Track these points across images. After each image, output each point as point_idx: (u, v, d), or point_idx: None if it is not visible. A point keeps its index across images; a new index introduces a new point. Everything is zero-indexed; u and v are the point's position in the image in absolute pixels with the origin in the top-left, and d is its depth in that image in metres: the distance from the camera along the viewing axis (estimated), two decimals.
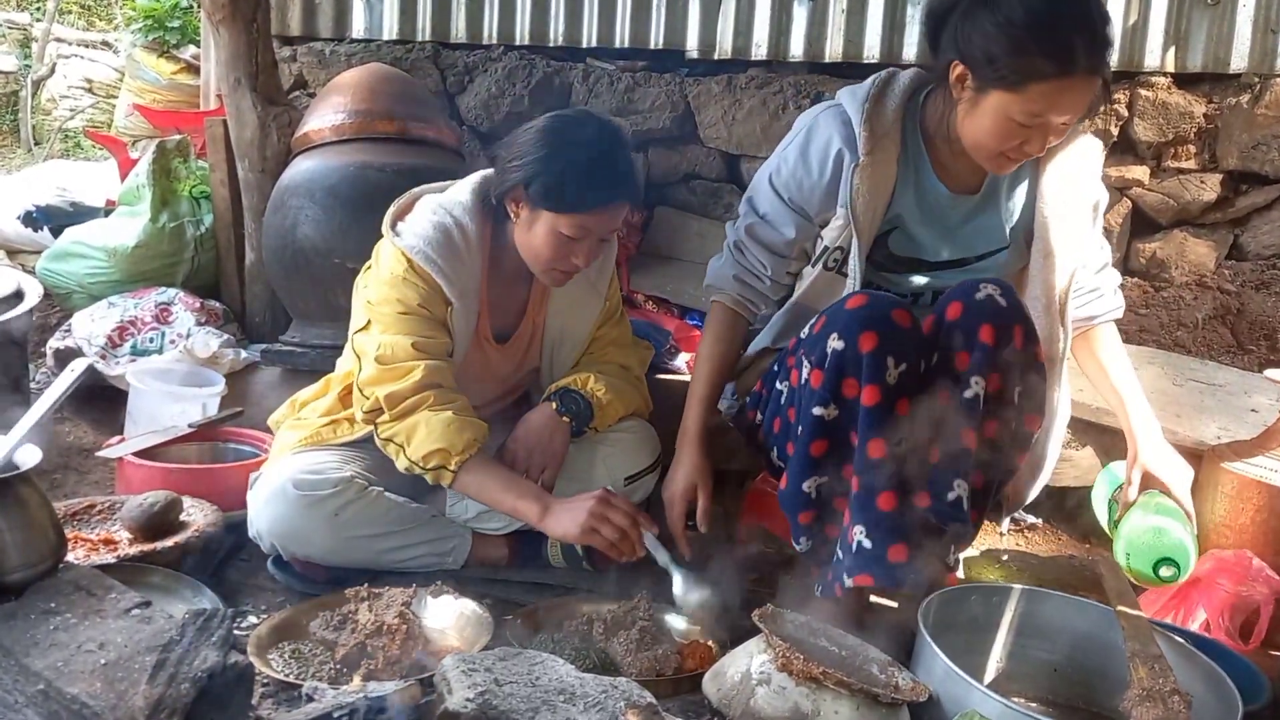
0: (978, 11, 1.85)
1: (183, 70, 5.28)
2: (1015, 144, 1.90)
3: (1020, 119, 1.85)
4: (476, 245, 2.13)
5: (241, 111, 3.22)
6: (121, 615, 1.62)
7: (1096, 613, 1.92)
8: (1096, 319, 2.19)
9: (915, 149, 2.07)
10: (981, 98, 1.88)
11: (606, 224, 2.08)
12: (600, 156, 2.04)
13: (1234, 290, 3.33)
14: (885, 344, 1.84)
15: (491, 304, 2.24)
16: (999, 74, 1.83)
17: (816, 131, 2.09)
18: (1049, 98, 1.82)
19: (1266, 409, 2.67)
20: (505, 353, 2.30)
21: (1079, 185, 2.08)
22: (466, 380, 2.21)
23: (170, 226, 3.30)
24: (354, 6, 4.15)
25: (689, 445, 2.17)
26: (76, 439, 2.88)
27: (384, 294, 2.08)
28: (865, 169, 2.01)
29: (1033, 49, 1.80)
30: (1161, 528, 1.96)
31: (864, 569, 1.86)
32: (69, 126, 6.58)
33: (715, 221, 3.65)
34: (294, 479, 2.06)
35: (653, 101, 3.74)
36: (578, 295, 2.28)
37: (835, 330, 1.88)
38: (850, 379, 1.87)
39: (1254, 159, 3.32)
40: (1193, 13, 3.40)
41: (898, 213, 2.08)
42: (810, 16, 3.68)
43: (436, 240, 2.07)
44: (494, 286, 2.24)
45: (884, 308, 1.87)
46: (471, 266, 2.13)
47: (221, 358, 2.95)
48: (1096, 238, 2.16)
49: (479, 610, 1.96)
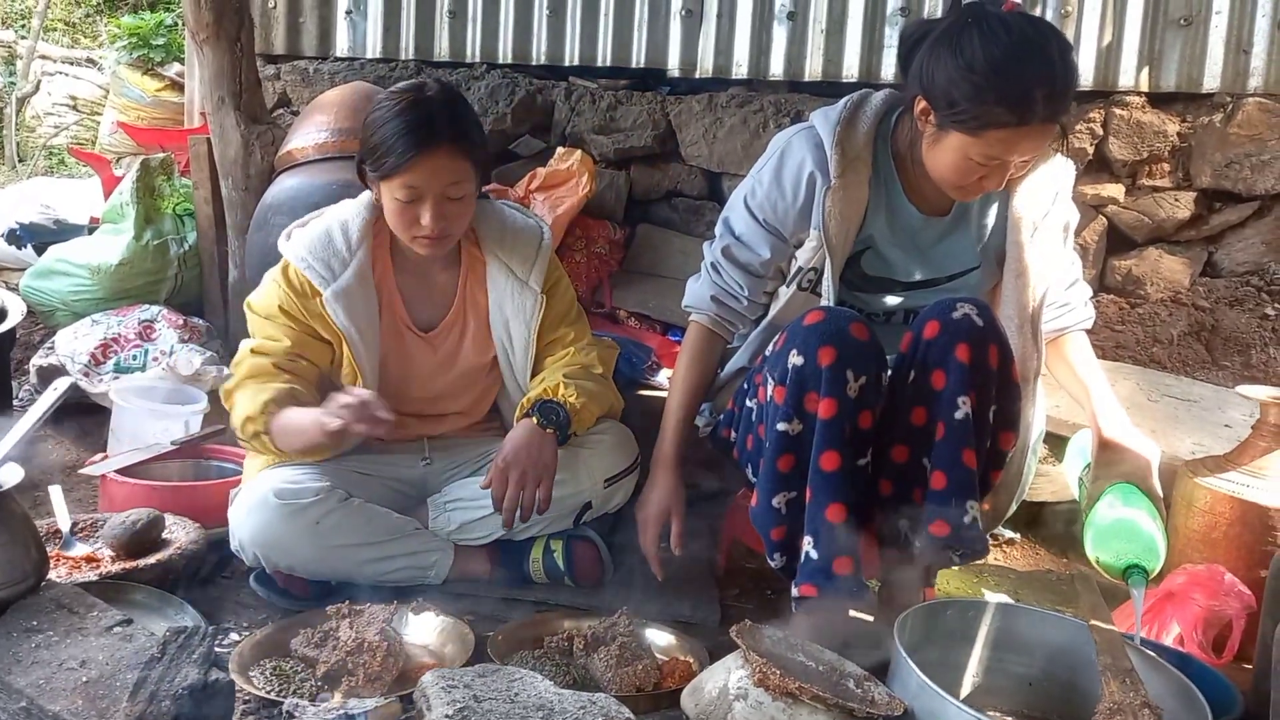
0: (942, 50, 1.87)
1: (167, 88, 5.30)
2: (975, 180, 1.93)
3: (978, 159, 1.88)
4: (360, 239, 2.19)
5: (225, 129, 3.23)
6: (103, 633, 1.63)
7: (1072, 627, 1.94)
8: (1067, 330, 2.21)
9: (887, 171, 2.10)
10: (942, 135, 1.91)
11: (432, 178, 2.06)
12: (407, 110, 2.07)
13: (1208, 307, 3.37)
14: (843, 357, 1.88)
15: (406, 293, 2.28)
16: (958, 117, 1.86)
17: (790, 154, 2.11)
18: (1006, 143, 1.85)
19: (1240, 424, 2.70)
20: (434, 341, 2.31)
21: (1050, 205, 2.11)
22: (397, 369, 2.27)
23: (154, 244, 3.32)
24: (338, 25, 4.18)
25: (664, 468, 2.20)
26: (59, 456, 2.88)
27: (252, 297, 2.24)
28: (836, 192, 2.04)
29: (991, 98, 1.81)
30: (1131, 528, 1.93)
31: (808, 579, 1.90)
32: (53, 144, 6.58)
33: (697, 239, 3.66)
34: (276, 489, 2.08)
35: (635, 119, 3.77)
36: (508, 289, 2.28)
37: (795, 346, 1.91)
38: (811, 393, 1.90)
39: (1227, 177, 3.37)
40: (1166, 33, 3.45)
41: (870, 233, 2.11)
42: (790, 36, 3.72)
43: (314, 241, 2.19)
44: (405, 275, 2.27)
45: (841, 322, 1.91)
46: (357, 260, 2.18)
47: (204, 375, 2.96)
48: (1068, 255, 2.19)
49: (460, 626, 1.98)
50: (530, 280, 2.28)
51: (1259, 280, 3.39)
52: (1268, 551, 2.15)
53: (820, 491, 1.90)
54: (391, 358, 2.27)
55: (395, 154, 2.05)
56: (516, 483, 2.11)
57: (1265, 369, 3.24)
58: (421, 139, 2.05)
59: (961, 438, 1.88)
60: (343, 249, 2.18)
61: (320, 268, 2.16)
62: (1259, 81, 3.39)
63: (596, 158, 3.69)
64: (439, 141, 2.06)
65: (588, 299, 3.48)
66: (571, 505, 2.25)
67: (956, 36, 1.85)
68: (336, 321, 2.16)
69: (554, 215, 3.38)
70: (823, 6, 3.68)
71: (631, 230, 3.76)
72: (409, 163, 2.05)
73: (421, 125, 2.06)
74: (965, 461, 1.89)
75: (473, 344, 2.33)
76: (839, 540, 1.89)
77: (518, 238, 2.30)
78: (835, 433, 1.89)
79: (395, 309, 2.27)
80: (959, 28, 1.86)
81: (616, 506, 2.32)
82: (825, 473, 1.89)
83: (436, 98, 2.11)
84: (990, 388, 1.91)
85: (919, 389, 1.94)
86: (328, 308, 2.15)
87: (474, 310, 2.32)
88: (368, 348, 2.20)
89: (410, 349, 2.30)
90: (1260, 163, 3.33)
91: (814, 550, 1.90)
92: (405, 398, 2.32)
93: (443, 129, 2.06)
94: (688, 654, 1.99)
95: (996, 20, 1.83)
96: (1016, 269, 2.10)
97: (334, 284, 2.15)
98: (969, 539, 1.89)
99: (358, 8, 4.13)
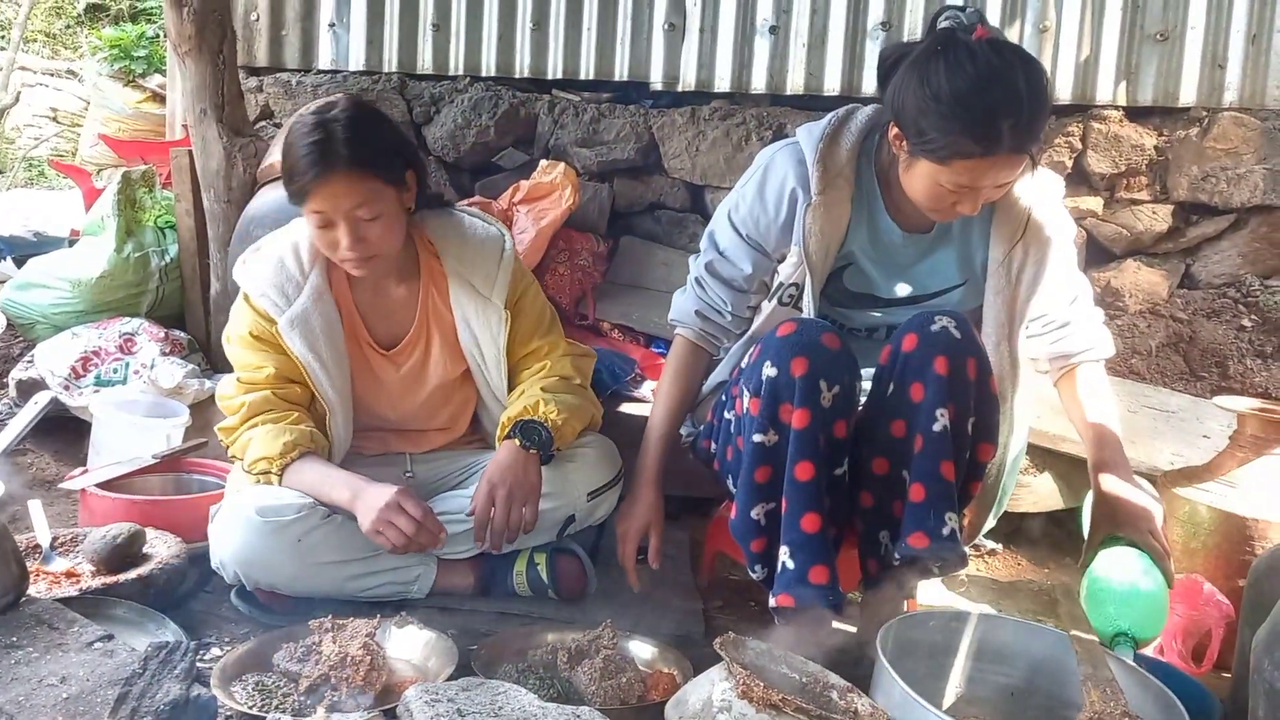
0: (912, 79, 1.86)
1: (148, 99, 5.29)
2: (948, 204, 1.93)
3: (949, 186, 1.89)
4: (313, 260, 2.19)
5: (207, 142, 3.23)
6: (84, 649, 1.62)
7: (1053, 637, 1.95)
8: (1074, 357, 2.18)
9: (869, 188, 2.11)
10: (914, 160, 1.92)
11: (335, 201, 2.03)
12: (309, 133, 2.04)
13: (1186, 318, 3.40)
14: (816, 367, 1.89)
15: (365, 311, 2.27)
16: (926, 146, 1.86)
17: (773, 170, 2.13)
18: (973, 172, 1.85)
19: (1218, 434, 2.72)
20: (396, 359, 2.29)
21: (1033, 221, 2.11)
22: (362, 388, 2.27)
23: (135, 256, 3.30)
24: (321, 38, 4.17)
25: (645, 484, 2.20)
26: (39, 470, 2.86)
27: (229, 330, 2.24)
28: (817, 209, 2.05)
29: (956, 128, 1.81)
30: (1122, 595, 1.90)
31: (785, 589, 1.91)
32: (33, 155, 6.54)
33: (680, 251, 3.69)
34: (258, 506, 2.07)
35: (618, 132, 3.78)
36: (471, 305, 2.25)
37: (768, 358, 1.93)
38: (785, 404, 1.92)
39: (1203, 190, 3.41)
40: (1142, 48, 3.49)
41: (851, 249, 2.12)
42: (772, 50, 3.75)
43: (267, 268, 2.18)
44: (362, 293, 2.26)
45: (813, 333, 1.93)
46: (311, 282, 2.17)
47: (186, 388, 2.95)
48: (1062, 271, 2.15)
49: (444, 640, 1.97)
50: (493, 296, 2.24)
51: (1236, 292, 3.43)
52: (1246, 561, 2.17)
53: (795, 501, 1.91)
54: (356, 377, 2.26)
55: (299, 179, 2.04)
56: (503, 505, 2.12)
57: (1242, 380, 3.27)
58: (319, 163, 2.01)
59: (940, 449, 1.89)
60: (295, 273, 2.18)
61: (275, 294, 2.15)
62: (1234, 96, 3.44)
63: (580, 170, 3.70)
64: (336, 165, 2.01)
65: (571, 311, 3.49)
66: (555, 519, 2.25)
67: (925, 65, 1.85)
68: (293, 350, 2.15)
69: (537, 227, 3.39)
70: (804, 21, 3.71)
71: (615, 242, 3.77)
72: (311, 187, 2.03)
73: (319, 149, 2.02)
74: (944, 473, 1.90)
75: (440, 359, 2.31)
76: (815, 549, 1.89)
77: (479, 250, 2.26)
78: (809, 442, 1.90)
79: (354, 327, 2.26)
80: (927, 56, 1.86)
81: (600, 519, 2.32)
82: (800, 482, 1.90)
83: (339, 118, 2.05)
84: (968, 399, 1.92)
85: (898, 401, 1.95)
86: (283, 336, 2.14)
87: (438, 324, 2.29)
88: (330, 372, 2.18)
89: (374, 367, 2.29)
90: (1236, 176, 3.37)
91: (790, 560, 1.91)
92: (377, 416, 2.32)
93: (340, 151, 2.01)
94: (672, 666, 1.98)
95: (964, 50, 1.82)
96: (996, 285, 2.11)
97: (288, 311, 2.15)
98: (948, 550, 1.90)
99: (341, 20, 4.13)
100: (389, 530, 2.03)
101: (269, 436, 2.12)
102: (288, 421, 2.15)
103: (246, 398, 2.16)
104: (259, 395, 2.16)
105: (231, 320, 2.23)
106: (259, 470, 2.12)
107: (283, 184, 2.12)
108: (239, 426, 2.17)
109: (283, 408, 2.17)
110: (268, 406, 2.16)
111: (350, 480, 2.10)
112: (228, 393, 2.20)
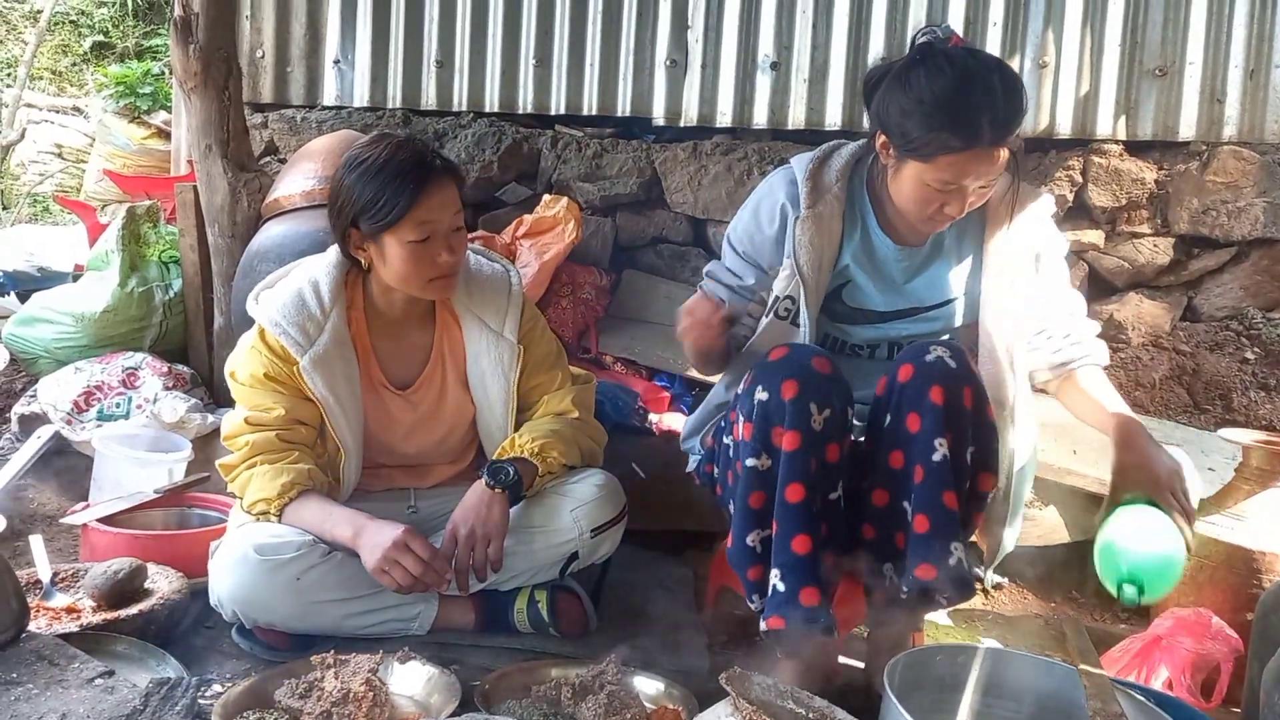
0: (896, 88, 1.97)
1: (154, 135, 5.31)
2: (936, 206, 1.99)
3: (935, 185, 1.96)
4: (333, 299, 2.18)
5: (212, 177, 3.24)
6: (84, 685, 1.61)
7: (1061, 672, 1.93)
8: (1074, 363, 2.18)
9: (861, 204, 2.16)
10: (901, 165, 2.00)
11: (443, 209, 2.09)
12: (395, 154, 2.08)
13: (1189, 351, 3.40)
14: (807, 390, 1.91)
15: (381, 352, 2.27)
16: (911, 146, 1.95)
17: (767, 191, 2.20)
18: (956, 167, 1.92)
19: (1223, 467, 2.71)
20: (410, 399, 2.30)
21: (1023, 238, 2.13)
22: (377, 427, 2.26)
23: (139, 291, 3.31)
24: (325, 74, 4.21)
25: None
26: (40, 505, 2.86)
27: (234, 365, 2.22)
28: (805, 221, 2.10)
29: (939, 125, 1.90)
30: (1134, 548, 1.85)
31: (776, 611, 1.90)
32: (38, 191, 6.58)
33: (683, 284, 3.70)
34: (256, 544, 2.06)
35: (620, 167, 3.80)
36: (484, 342, 2.27)
37: (760, 383, 1.96)
38: (776, 427, 1.93)
39: (1204, 223, 3.42)
40: (1142, 83, 3.52)
41: (846, 264, 2.15)
42: (773, 86, 3.78)
43: (287, 305, 2.17)
44: (380, 334, 2.27)
45: (804, 357, 1.96)
46: (332, 321, 2.17)
47: (189, 422, 2.94)
48: (1058, 285, 2.18)
49: (446, 676, 1.95)
50: (505, 331, 2.27)
51: (1238, 325, 3.43)
52: (1253, 594, 2.16)
53: (786, 523, 1.91)
54: (370, 417, 2.26)
55: (403, 195, 2.06)
56: (464, 545, 2.12)
57: (1247, 412, 3.27)
58: (423, 175, 2.07)
59: (941, 480, 1.90)
60: (316, 311, 2.17)
61: (295, 333, 2.15)
62: (1233, 130, 3.46)
63: (583, 205, 3.71)
64: (437, 174, 2.09)
65: (574, 344, 3.49)
66: (553, 555, 2.24)
67: (907, 74, 1.96)
68: (314, 390, 2.15)
69: (540, 261, 3.40)
70: (805, 57, 3.74)
71: (617, 276, 3.78)
72: (418, 199, 2.06)
73: (415, 162, 2.08)
74: (946, 503, 1.89)
75: (454, 398, 2.32)
76: (805, 571, 1.89)
77: (486, 287, 2.29)
78: (800, 465, 1.91)
79: (370, 368, 2.26)
80: (907, 67, 1.96)
81: (604, 557, 2.31)
82: (790, 504, 1.91)
83: (412, 140, 2.15)
84: (966, 429, 1.93)
85: (895, 432, 1.96)
86: (304, 376, 2.14)
87: (452, 364, 2.31)
88: (346, 413, 2.19)
89: (389, 407, 2.29)
90: (1236, 209, 3.38)
91: (781, 582, 1.91)
92: (388, 453, 2.32)
93: (434, 162, 2.10)
94: (677, 702, 1.97)
95: (942, 57, 1.93)
96: (990, 300, 2.13)
97: (310, 350, 2.14)
98: (955, 580, 1.89)
99: (345, 57, 4.17)
100: (395, 570, 2.02)
101: (267, 478, 2.12)
102: (286, 461, 2.15)
103: (251, 437, 2.16)
104: (262, 436, 2.16)
105: (241, 358, 2.22)
106: (258, 511, 2.12)
107: (355, 220, 2.10)
108: (239, 465, 2.17)
109: (282, 448, 2.16)
110: (269, 447, 2.16)
111: (352, 517, 2.09)
112: (232, 431, 2.20)
